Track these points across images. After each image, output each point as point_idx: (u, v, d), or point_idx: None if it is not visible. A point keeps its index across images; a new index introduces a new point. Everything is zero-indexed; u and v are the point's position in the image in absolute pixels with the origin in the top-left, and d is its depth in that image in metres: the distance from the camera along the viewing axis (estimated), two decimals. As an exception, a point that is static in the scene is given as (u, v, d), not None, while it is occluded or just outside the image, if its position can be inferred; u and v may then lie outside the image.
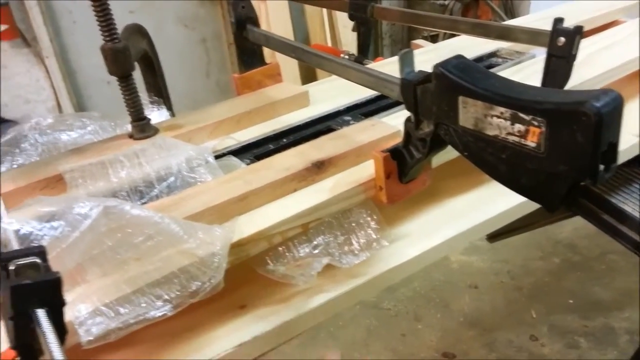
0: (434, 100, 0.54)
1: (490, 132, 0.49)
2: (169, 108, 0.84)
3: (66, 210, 0.43)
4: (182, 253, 0.51)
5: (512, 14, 2.56)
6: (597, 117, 0.40)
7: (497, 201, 0.76)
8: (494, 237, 0.98)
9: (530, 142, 0.46)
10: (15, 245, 0.42)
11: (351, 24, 1.00)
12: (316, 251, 0.65)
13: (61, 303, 0.37)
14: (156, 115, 0.79)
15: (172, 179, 0.67)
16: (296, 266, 0.63)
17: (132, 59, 0.67)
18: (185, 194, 0.61)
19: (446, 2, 2.52)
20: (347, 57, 1.04)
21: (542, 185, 0.48)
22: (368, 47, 1.00)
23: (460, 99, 0.50)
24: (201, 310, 0.60)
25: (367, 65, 0.88)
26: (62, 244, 0.42)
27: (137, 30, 0.73)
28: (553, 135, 0.44)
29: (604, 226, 0.92)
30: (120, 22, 0.70)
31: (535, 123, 0.45)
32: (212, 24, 2.73)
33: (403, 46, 2.94)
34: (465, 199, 0.77)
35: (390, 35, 2.93)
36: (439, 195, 0.76)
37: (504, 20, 2.49)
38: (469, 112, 0.50)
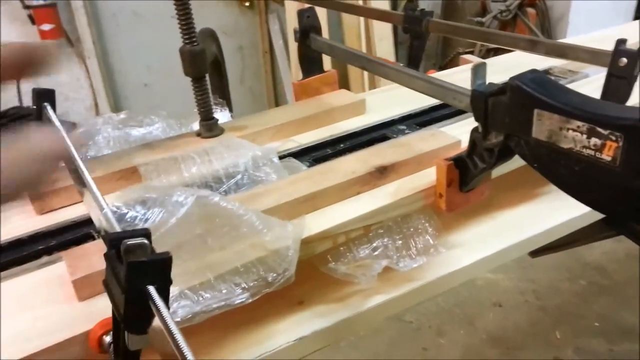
0: (506, 112, 0.56)
1: (565, 145, 0.51)
2: (230, 109, 0.87)
3: (166, 197, 0.46)
4: (260, 245, 0.53)
5: (549, 34, 2.57)
6: (679, 134, 0.42)
7: (549, 216, 0.77)
8: (536, 252, 0.99)
9: (606, 156, 0.48)
10: (117, 228, 0.45)
11: (387, 36, 1.02)
12: (376, 253, 0.67)
13: (169, 281, 0.40)
14: (219, 115, 0.82)
15: (239, 176, 0.69)
16: (356, 266, 0.65)
17: (207, 62, 0.71)
18: (258, 191, 0.64)
19: (484, 20, 2.54)
20: (398, 68, 1.06)
21: (614, 199, 0.50)
22: (419, 60, 1.02)
23: (536, 112, 0.52)
24: (262, 305, 0.62)
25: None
26: (161, 229, 0.45)
27: (210, 35, 0.76)
28: (629, 150, 0.46)
29: (649, 247, 0.92)
30: (164, 26, 0.72)
31: (613, 137, 0.47)
32: (250, 32, 2.80)
33: (437, 60, 2.97)
34: (517, 213, 0.79)
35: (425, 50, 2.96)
36: (494, 207, 0.78)
37: (540, 41, 2.49)
38: (543, 124, 0.52)
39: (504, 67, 1.08)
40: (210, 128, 0.76)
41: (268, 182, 0.69)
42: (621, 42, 0.71)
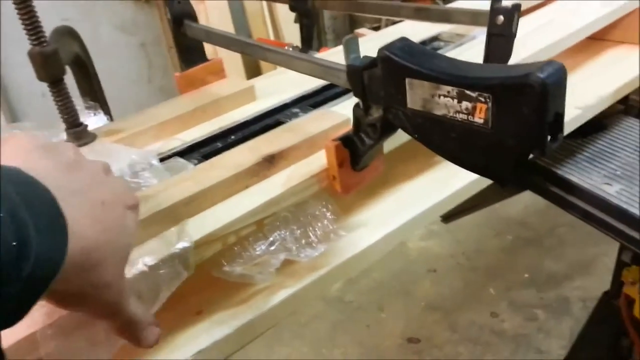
0: (381, 85, 0.53)
1: (438, 112, 0.49)
2: (107, 112, 0.80)
3: None
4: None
5: None
6: (542, 88, 0.41)
7: (448, 182, 0.76)
8: (448, 217, 1.00)
9: (478, 118, 0.46)
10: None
11: (292, 18, 0.98)
12: (273, 248, 0.63)
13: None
14: (94, 120, 0.75)
15: (115, 185, 0.63)
16: (253, 265, 0.62)
17: (63, 63, 0.63)
18: (132, 200, 0.58)
19: (385, -9, 2.54)
20: (291, 49, 1.02)
21: (493, 160, 0.48)
22: (311, 39, 0.99)
23: (407, 81, 0.50)
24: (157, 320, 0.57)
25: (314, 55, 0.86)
26: None
27: (67, 33, 0.68)
28: (500, 110, 0.45)
29: (553, 198, 0.94)
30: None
31: (482, 99, 0.45)
32: (151, 28, 2.66)
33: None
34: (418, 183, 0.78)
35: (334, 30, 2.94)
36: (392, 181, 0.76)
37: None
38: (416, 93, 0.50)
39: (400, 35, 1.07)
40: (78, 136, 0.69)
41: (148, 187, 0.63)
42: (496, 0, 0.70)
